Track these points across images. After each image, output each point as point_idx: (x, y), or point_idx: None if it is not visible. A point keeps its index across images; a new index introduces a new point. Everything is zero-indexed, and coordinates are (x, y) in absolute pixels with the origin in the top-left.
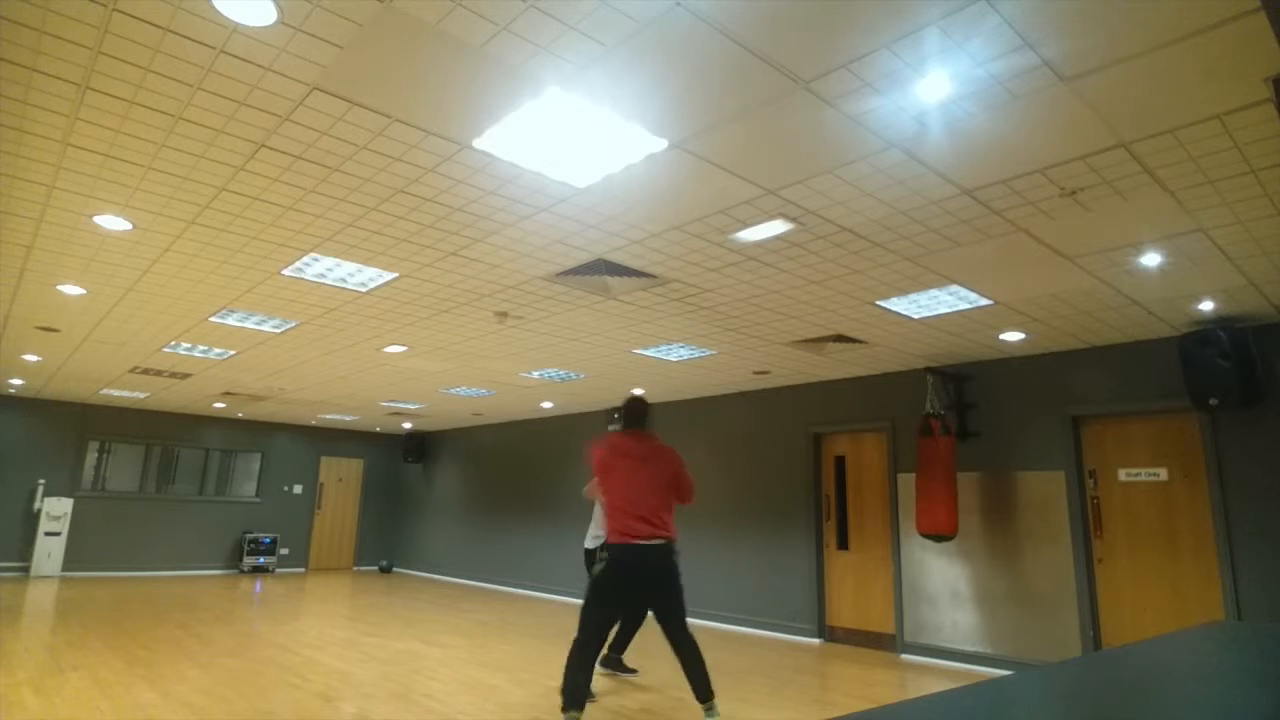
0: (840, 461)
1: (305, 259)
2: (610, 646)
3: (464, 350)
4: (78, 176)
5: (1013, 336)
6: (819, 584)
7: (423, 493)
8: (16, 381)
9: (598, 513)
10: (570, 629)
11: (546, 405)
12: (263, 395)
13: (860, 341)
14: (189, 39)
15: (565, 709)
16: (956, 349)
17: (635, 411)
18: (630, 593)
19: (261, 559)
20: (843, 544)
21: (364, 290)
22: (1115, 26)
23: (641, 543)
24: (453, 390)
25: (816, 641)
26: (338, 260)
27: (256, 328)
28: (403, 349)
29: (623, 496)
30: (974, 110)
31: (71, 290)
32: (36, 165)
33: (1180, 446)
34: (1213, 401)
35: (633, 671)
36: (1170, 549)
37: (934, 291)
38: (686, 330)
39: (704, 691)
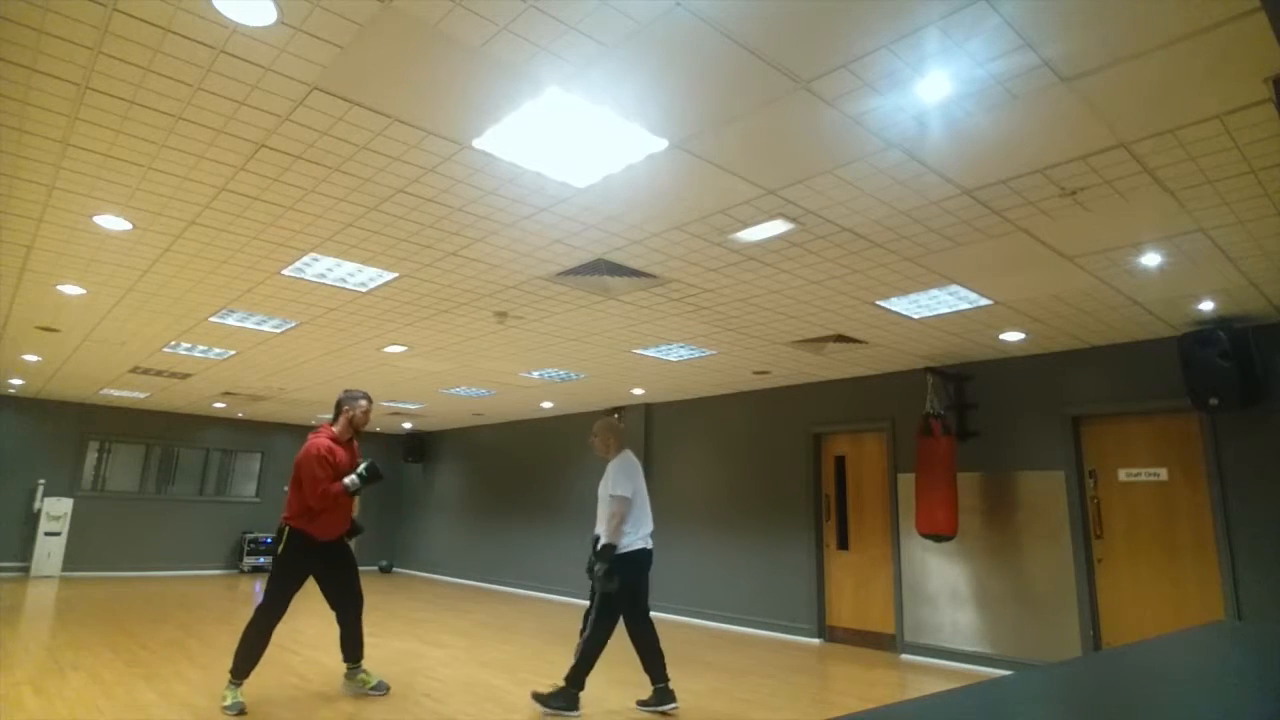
0: (840, 461)
1: (305, 259)
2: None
3: (464, 350)
4: (78, 176)
5: (1013, 336)
6: (819, 584)
7: (423, 493)
8: (16, 381)
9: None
10: (570, 630)
11: (546, 405)
12: (263, 395)
13: (860, 341)
14: (189, 39)
15: None
16: (956, 349)
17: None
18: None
19: (261, 559)
20: (843, 544)
21: (364, 290)
22: (1115, 26)
23: None
24: (453, 390)
25: (816, 641)
26: (338, 260)
27: (256, 328)
28: (403, 349)
29: None
30: (974, 110)
31: (71, 290)
32: (36, 165)
33: (1180, 446)
34: (1213, 401)
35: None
36: (1170, 549)
37: (934, 291)
38: (686, 330)
39: (352, 652)
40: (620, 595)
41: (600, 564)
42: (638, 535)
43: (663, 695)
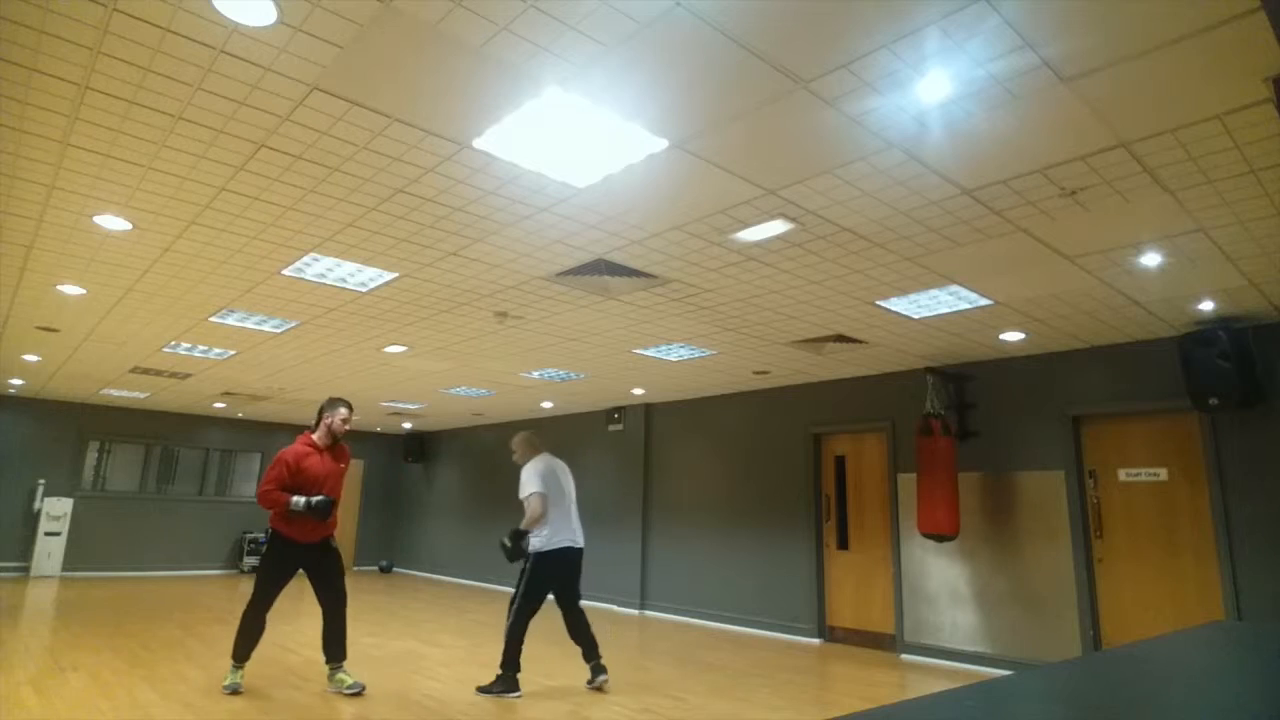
0: (840, 461)
1: (305, 259)
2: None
3: (464, 350)
4: (78, 176)
5: (1013, 336)
6: (819, 584)
7: (423, 493)
8: (16, 381)
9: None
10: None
11: (546, 405)
12: (263, 395)
13: (860, 341)
14: (189, 39)
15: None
16: (956, 349)
17: None
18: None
19: None
20: (843, 544)
21: (364, 290)
22: (1115, 26)
23: None
24: (453, 390)
25: (816, 641)
26: (338, 260)
27: (256, 328)
28: (403, 349)
29: None
30: (974, 110)
31: (71, 290)
32: (36, 165)
33: (1180, 446)
34: (1213, 401)
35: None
36: (1170, 549)
37: (934, 291)
38: (686, 330)
39: (333, 651)
40: (542, 588)
41: (510, 539)
42: (559, 536)
43: (596, 670)
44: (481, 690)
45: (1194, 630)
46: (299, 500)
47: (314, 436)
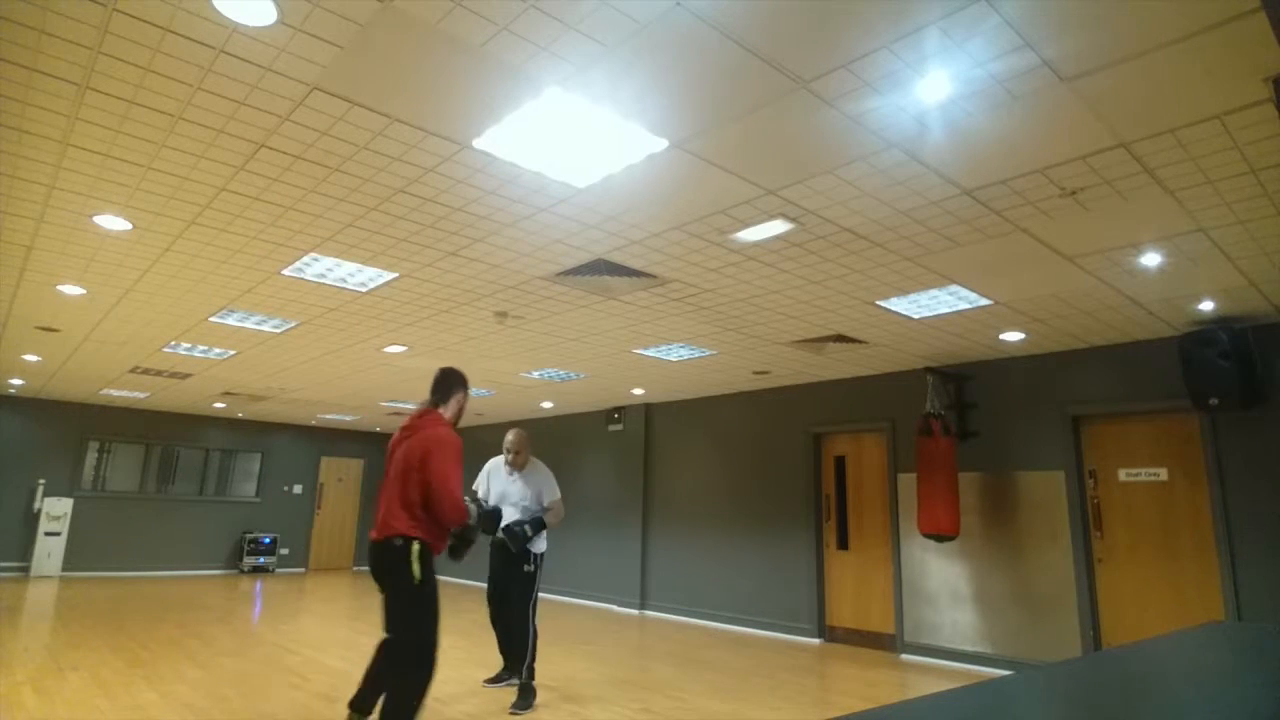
0: (840, 461)
1: (305, 259)
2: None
3: (464, 350)
4: (78, 176)
5: (1013, 336)
6: (819, 584)
7: None
8: (16, 381)
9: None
10: (569, 629)
11: (546, 405)
12: (263, 395)
13: (860, 341)
14: (189, 39)
15: None
16: (956, 349)
17: (434, 383)
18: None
19: (261, 559)
20: (843, 544)
21: (364, 290)
22: (1115, 26)
23: (372, 540)
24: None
25: (816, 641)
26: (338, 260)
27: (256, 328)
28: (403, 349)
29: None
30: (974, 110)
31: (71, 290)
32: (36, 165)
33: (1180, 446)
34: (1213, 401)
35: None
36: (1170, 549)
37: (934, 291)
38: (686, 330)
39: (362, 704)
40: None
41: (532, 528)
42: (545, 538)
43: (512, 673)
44: (517, 709)
45: (1194, 630)
46: (473, 508)
47: (448, 417)
